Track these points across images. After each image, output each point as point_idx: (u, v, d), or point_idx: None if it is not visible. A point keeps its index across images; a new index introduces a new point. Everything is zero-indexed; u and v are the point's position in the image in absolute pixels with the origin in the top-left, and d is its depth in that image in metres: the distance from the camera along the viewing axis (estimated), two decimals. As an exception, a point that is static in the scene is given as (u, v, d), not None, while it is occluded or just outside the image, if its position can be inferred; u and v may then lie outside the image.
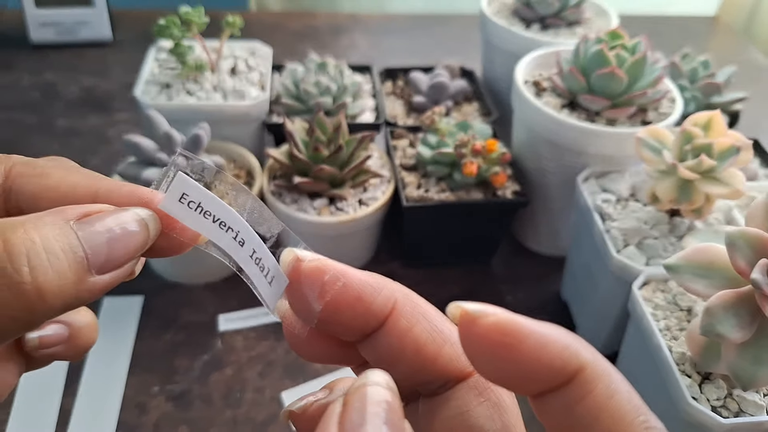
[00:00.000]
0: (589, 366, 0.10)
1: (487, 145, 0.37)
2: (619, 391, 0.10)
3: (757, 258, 0.23)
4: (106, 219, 0.12)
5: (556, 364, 0.10)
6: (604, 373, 0.10)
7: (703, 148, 0.30)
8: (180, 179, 0.12)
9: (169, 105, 0.40)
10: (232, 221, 0.12)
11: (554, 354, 0.10)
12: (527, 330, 0.10)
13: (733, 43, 0.74)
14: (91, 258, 0.11)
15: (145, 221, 0.12)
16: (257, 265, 0.12)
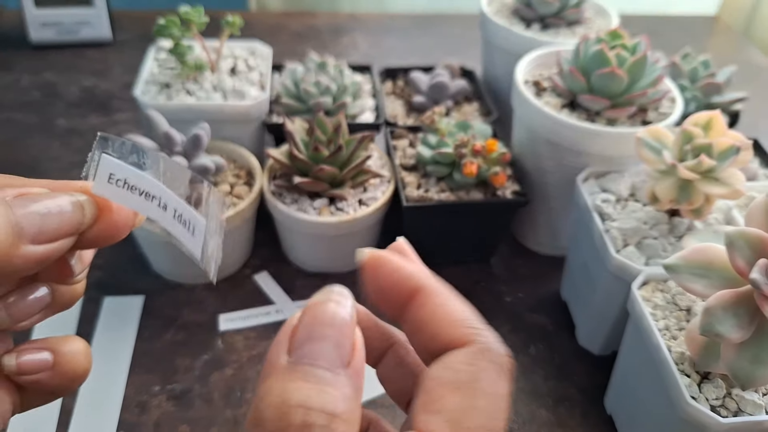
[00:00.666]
0: (426, 287, 0.13)
1: (487, 145, 0.37)
2: (447, 303, 0.13)
3: (756, 258, 0.23)
4: (42, 198, 0.12)
5: (402, 285, 0.13)
6: (436, 291, 0.13)
7: (703, 148, 0.30)
8: (105, 161, 0.13)
9: (168, 105, 0.40)
10: (154, 189, 0.13)
11: (402, 276, 0.14)
12: (387, 259, 0.14)
13: (733, 43, 0.74)
14: (24, 226, 0.12)
15: (81, 203, 0.13)
16: (180, 222, 0.13)
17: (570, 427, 0.33)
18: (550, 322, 0.38)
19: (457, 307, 0.13)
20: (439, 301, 0.13)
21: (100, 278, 0.39)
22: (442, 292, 0.14)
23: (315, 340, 0.11)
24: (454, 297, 0.14)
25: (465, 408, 0.12)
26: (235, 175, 0.40)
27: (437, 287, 0.14)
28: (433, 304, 0.13)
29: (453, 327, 0.13)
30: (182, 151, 0.35)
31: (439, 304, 0.13)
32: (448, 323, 0.13)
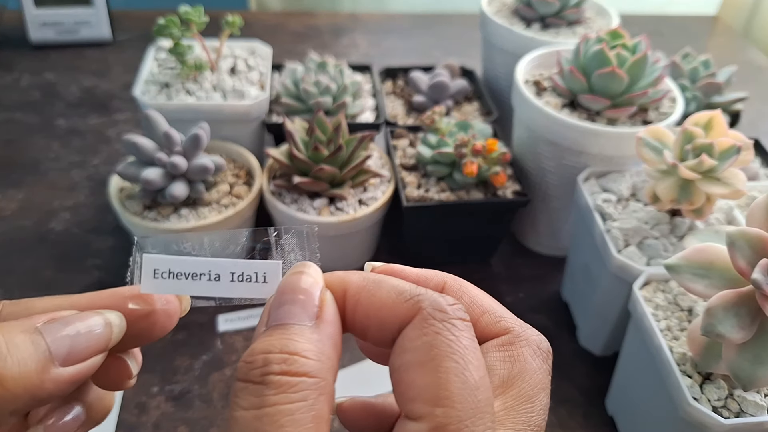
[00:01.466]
0: (448, 281, 0.15)
1: (487, 145, 0.37)
2: (475, 294, 0.14)
3: (757, 258, 0.23)
4: (72, 320, 0.13)
5: (426, 285, 0.14)
6: (461, 287, 0.14)
7: (703, 147, 0.29)
8: (146, 260, 0.14)
9: (168, 105, 0.40)
10: (200, 266, 0.14)
11: (428, 277, 0.15)
12: (400, 268, 0.15)
13: (734, 43, 0.74)
14: (53, 349, 0.12)
15: (110, 321, 0.13)
16: (242, 281, 0.14)
17: (571, 427, 0.32)
18: (550, 322, 0.38)
19: (483, 298, 0.14)
20: (470, 292, 0.14)
21: (101, 278, 0.39)
22: (463, 283, 0.14)
23: (283, 305, 0.13)
24: (472, 287, 0.15)
25: (429, 385, 0.11)
26: (235, 175, 0.40)
27: (458, 281, 0.15)
28: (469, 298, 0.14)
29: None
30: (182, 151, 0.35)
31: (474, 297, 0.14)
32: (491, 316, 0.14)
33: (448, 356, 0.11)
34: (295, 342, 0.12)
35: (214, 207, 0.37)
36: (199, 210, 0.36)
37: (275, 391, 0.11)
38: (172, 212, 0.36)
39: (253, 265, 0.14)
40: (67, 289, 0.38)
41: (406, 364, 0.12)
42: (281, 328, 0.12)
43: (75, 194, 0.46)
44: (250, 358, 0.12)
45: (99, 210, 0.44)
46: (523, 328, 0.14)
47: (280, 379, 0.11)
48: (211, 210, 0.37)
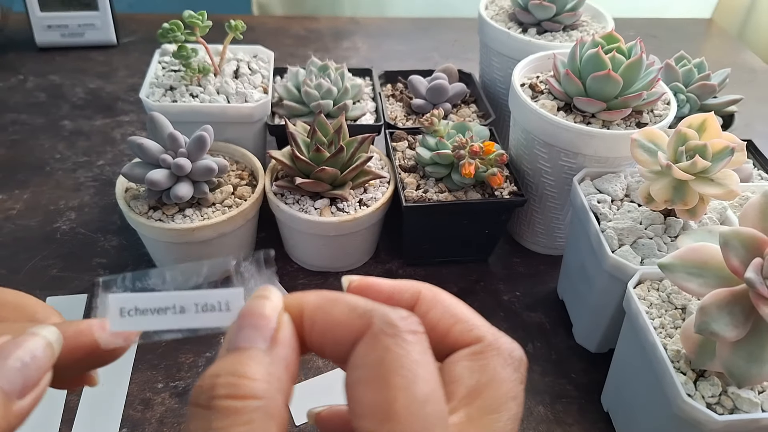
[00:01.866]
0: (423, 291, 0.14)
1: (484, 147, 0.37)
2: (449, 303, 0.14)
3: (750, 257, 0.23)
4: (15, 352, 0.13)
5: (401, 296, 0.14)
6: (435, 297, 0.14)
7: (697, 149, 0.30)
8: (112, 299, 0.14)
9: (173, 107, 0.41)
10: (164, 300, 0.14)
11: (403, 288, 0.15)
12: (375, 282, 0.15)
13: (728, 45, 0.75)
14: (8, 390, 0.12)
15: (49, 341, 0.14)
16: (207, 311, 0.14)
17: (567, 423, 0.33)
18: (547, 320, 0.39)
19: (457, 309, 0.14)
20: (444, 304, 0.14)
21: (105, 277, 0.40)
22: (438, 293, 0.14)
23: (241, 329, 0.13)
24: (449, 297, 0.15)
25: (377, 402, 0.11)
26: (238, 176, 0.40)
27: (434, 290, 0.15)
28: (439, 310, 0.14)
29: (453, 331, 0.14)
30: (186, 152, 0.36)
31: (446, 308, 0.14)
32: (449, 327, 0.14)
33: (396, 371, 0.11)
34: (245, 365, 0.12)
35: (218, 207, 0.38)
36: (203, 210, 0.37)
37: (221, 416, 0.11)
38: (177, 212, 0.37)
39: (215, 295, 0.14)
40: (73, 289, 0.39)
41: (356, 380, 0.12)
42: (236, 352, 0.12)
43: (80, 194, 0.46)
44: (201, 382, 0.12)
45: (104, 210, 0.45)
46: (496, 337, 0.14)
47: (225, 404, 0.11)
48: (215, 210, 0.37)
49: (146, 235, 0.37)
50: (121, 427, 0.31)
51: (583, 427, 0.33)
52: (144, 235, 0.38)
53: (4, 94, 0.57)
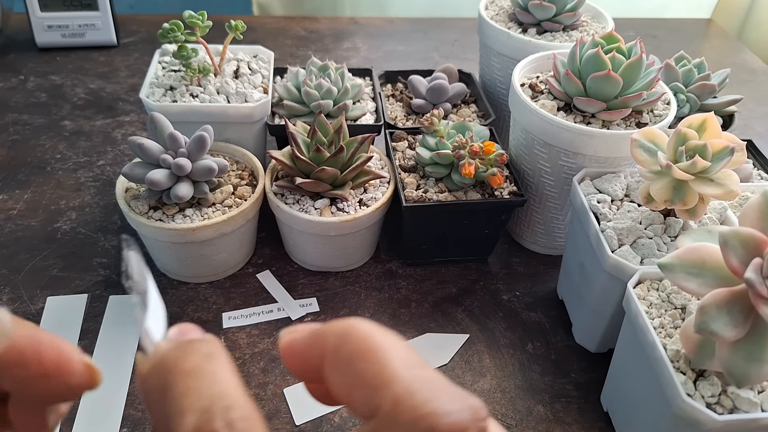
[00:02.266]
0: (326, 354, 0.13)
1: (484, 147, 0.37)
2: (347, 360, 0.12)
3: (750, 257, 0.23)
4: None
5: (311, 363, 0.13)
6: (335, 355, 0.12)
7: (697, 149, 0.30)
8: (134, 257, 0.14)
9: (173, 107, 0.41)
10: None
11: (312, 355, 0.13)
12: (289, 344, 0.13)
13: (727, 45, 0.75)
14: None
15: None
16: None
17: (567, 423, 0.33)
18: (546, 320, 0.39)
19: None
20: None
21: (106, 277, 0.40)
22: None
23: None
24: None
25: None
26: (238, 176, 0.40)
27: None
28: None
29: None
30: (186, 153, 0.36)
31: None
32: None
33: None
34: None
35: (218, 207, 0.38)
36: (203, 210, 0.37)
37: None
38: (177, 212, 0.37)
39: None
40: (74, 288, 0.39)
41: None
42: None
43: (81, 194, 0.46)
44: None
45: (105, 210, 0.45)
46: (396, 403, 0.11)
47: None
48: (215, 210, 0.37)
49: (146, 235, 0.37)
50: (122, 427, 0.31)
51: (583, 426, 0.33)
52: (144, 235, 0.38)
53: (5, 94, 0.57)
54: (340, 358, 0.12)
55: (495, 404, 0.33)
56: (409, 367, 0.11)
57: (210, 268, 0.39)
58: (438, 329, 0.38)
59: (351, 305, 0.39)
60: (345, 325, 0.12)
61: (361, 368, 0.11)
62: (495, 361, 0.36)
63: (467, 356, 0.36)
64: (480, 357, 0.36)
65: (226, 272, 0.40)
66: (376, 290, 0.40)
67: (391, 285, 0.41)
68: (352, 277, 0.41)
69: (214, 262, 0.39)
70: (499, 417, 0.33)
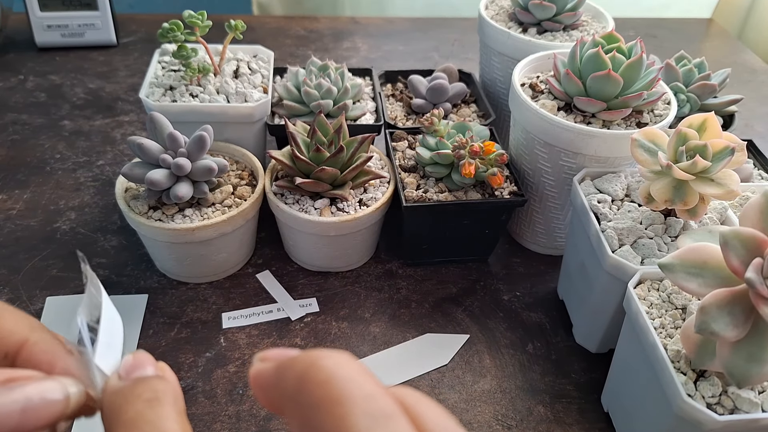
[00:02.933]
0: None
1: (484, 147, 0.37)
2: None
3: (751, 257, 0.23)
4: (27, 387, 0.12)
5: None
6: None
7: (697, 149, 0.30)
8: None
9: (173, 107, 0.41)
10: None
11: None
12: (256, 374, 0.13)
13: (728, 45, 0.75)
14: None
15: (70, 394, 0.12)
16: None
17: (567, 423, 0.33)
18: (547, 320, 0.39)
19: None
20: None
21: (106, 277, 0.40)
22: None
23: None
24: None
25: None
26: (238, 176, 0.40)
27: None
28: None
29: None
30: (186, 152, 0.36)
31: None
32: None
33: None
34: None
35: (218, 207, 0.38)
36: (203, 210, 0.37)
37: None
38: (177, 212, 0.37)
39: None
40: (73, 288, 0.39)
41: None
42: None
43: (80, 194, 0.46)
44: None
45: (104, 210, 0.45)
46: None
47: None
48: (215, 210, 0.37)
49: (146, 235, 0.37)
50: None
51: (583, 427, 0.33)
52: (144, 235, 0.38)
53: (4, 94, 0.57)
54: (299, 403, 0.11)
55: (495, 404, 0.33)
56: (370, 418, 0.10)
57: (210, 269, 0.39)
58: (438, 329, 0.38)
59: (351, 305, 0.39)
60: (306, 365, 0.11)
61: (317, 421, 0.11)
62: (495, 362, 0.36)
63: (467, 356, 0.36)
64: (480, 357, 0.36)
65: (225, 272, 0.40)
66: (376, 290, 0.40)
67: (391, 285, 0.41)
68: (352, 277, 0.41)
69: (214, 262, 0.39)
70: (499, 417, 0.33)
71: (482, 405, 0.33)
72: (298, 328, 0.37)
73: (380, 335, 0.37)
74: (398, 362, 0.35)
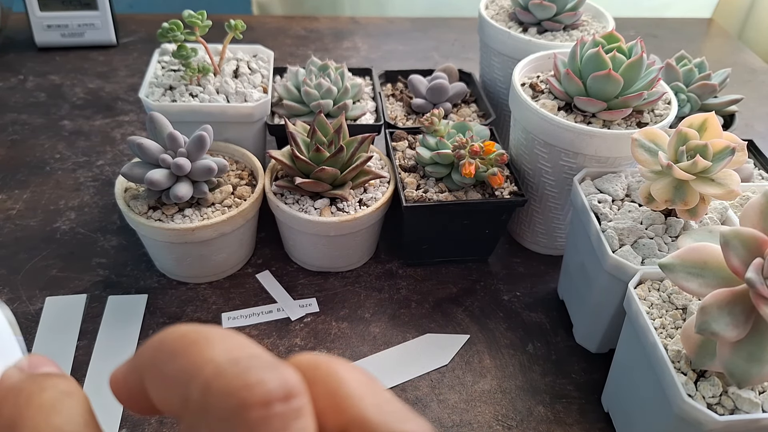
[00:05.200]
0: None
1: (485, 147, 0.37)
2: None
3: (751, 257, 0.23)
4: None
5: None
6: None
7: (698, 149, 0.30)
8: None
9: (173, 107, 0.41)
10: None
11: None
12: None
13: (728, 45, 0.75)
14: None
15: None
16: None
17: (567, 423, 0.33)
18: (547, 320, 0.39)
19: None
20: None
21: (105, 277, 0.39)
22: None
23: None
24: None
25: None
26: (238, 176, 0.40)
27: None
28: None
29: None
30: (186, 152, 0.36)
31: None
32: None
33: None
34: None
35: (218, 207, 0.38)
36: (202, 210, 0.37)
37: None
38: (177, 212, 0.37)
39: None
40: (73, 288, 0.39)
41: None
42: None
43: (80, 194, 0.46)
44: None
45: (104, 210, 0.45)
46: None
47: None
48: (214, 210, 0.37)
49: (146, 235, 0.37)
50: (121, 427, 0.31)
51: (584, 427, 0.33)
52: (143, 235, 0.38)
53: (4, 94, 0.56)
54: (155, 366, 0.10)
55: (495, 405, 0.33)
56: (225, 350, 0.09)
57: (209, 269, 0.39)
58: (438, 330, 0.38)
59: (351, 305, 0.39)
60: (159, 335, 0.10)
61: (172, 367, 0.10)
62: (495, 362, 0.36)
63: (467, 357, 0.36)
64: (480, 357, 0.36)
65: (225, 272, 0.40)
66: (376, 290, 0.40)
67: (391, 285, 0.41)
68: (352, 278, 0.41)
69: (214, 262, 0.39)
70: (499, 417, 0.33)
71: (482, 405, 0.33)
72: (297, 328, 0.37)
73: (380, 335, 0.37)
74: (398, 362, 0.35)
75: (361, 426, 0.10)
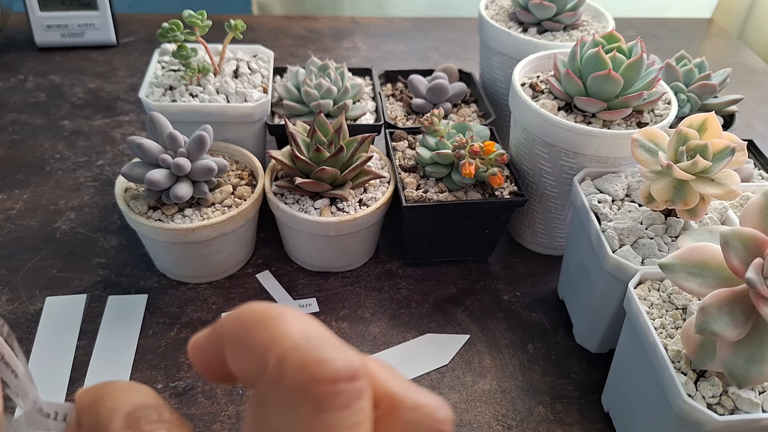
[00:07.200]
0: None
1: (484, 147, 0.37)
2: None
3: (751, 257, 0.23)
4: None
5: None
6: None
7: (698, 149, 0.30)
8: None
9: (173, 107, 0.41)
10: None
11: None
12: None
13: (728, 45, 0.75)
14: None
15: None
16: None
17: (567, 423, 0.33)
18: (547, 320, 0.39)
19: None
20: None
21: (105, 277, 0.39)
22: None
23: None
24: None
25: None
26: (238, 176, 0.40)
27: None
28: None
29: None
30: (186, 152, 0.36)
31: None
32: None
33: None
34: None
35: (218, 207, 0.38)
36: (202, 210, 0.37)
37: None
38: (177, 212, 0.37)
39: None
40: (73, 289, 0.39)
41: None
42: None
43: (80, 194, 0.46)
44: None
45: (104, 210, 0.45)
46: None
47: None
48: (214, 210, 0.37)
49: (146, 235, 0.37)
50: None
51: (584, 427, 0.33)
52: (143, 235, 0.38)
53: (4, 94, 0.56)
54: (236, 336, 0.11)
55: (495, 405, 0.33)
56: (300, 329, 0.10)
57: (209, 269, 0.39)
58: (438, 330, 0.38)
59: (351, 305, 0.39)
60: (240, 308, 0.12)
61: (252, 338, 0.11)
62: (495, 362, 0.36)
63: (468, 357, 0.36)
64: (480, 357, 0.36)
65: (225, 272, 0.40)
66: (376, 290, 0.40)
67: (391, 285, 0.41)
68: (352, 278, 0.41)
69: (214, 262, 0.39)
70: (499, 418, 0.33)
71: (482, 405, 0.33)
72: (298, 328, 0.37)
73: (380, 335, 0.37)
74: (398, 362, 0.35)
75: (390, 400, 0.11)
